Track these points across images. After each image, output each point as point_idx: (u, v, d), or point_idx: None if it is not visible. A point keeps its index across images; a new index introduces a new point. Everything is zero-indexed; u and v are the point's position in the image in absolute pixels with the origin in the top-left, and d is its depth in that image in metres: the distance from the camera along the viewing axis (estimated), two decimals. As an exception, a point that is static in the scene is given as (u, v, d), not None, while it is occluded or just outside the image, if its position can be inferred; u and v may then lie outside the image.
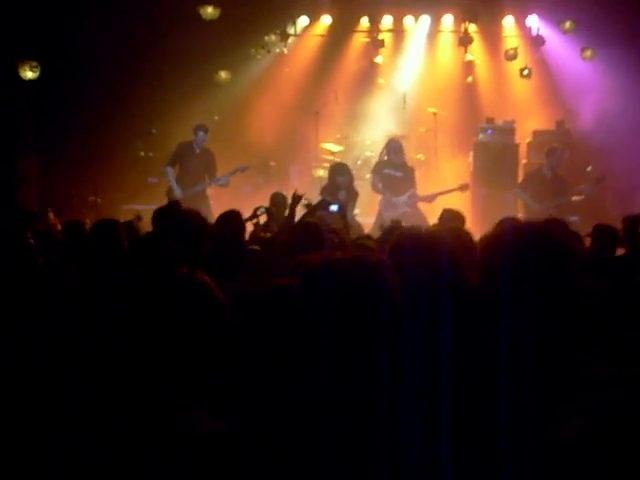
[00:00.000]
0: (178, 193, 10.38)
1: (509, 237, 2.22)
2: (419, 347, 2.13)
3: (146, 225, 6.22)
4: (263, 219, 7.61)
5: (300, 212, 6.83)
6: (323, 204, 7.13)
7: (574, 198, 9.95)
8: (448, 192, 10.34)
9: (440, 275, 2.42)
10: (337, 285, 2.04)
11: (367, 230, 8.26)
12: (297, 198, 6.92)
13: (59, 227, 7.80)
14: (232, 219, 5.68)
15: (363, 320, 2.04)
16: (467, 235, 3.97)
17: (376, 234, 6.07)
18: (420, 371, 2.08)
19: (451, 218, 6.12)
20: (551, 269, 2.13)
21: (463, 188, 10.58)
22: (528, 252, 2.14)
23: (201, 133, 10.54)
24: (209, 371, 2.13)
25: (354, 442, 1.95)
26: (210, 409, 2.04)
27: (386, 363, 2.02)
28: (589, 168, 11.50)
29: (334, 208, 7.22)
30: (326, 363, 2.03)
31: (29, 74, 10.97)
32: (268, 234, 6.40)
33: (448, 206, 6.80)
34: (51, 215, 8.83)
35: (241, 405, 2.17)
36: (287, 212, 6.98)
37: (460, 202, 9.87)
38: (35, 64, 10.98)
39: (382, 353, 2.03)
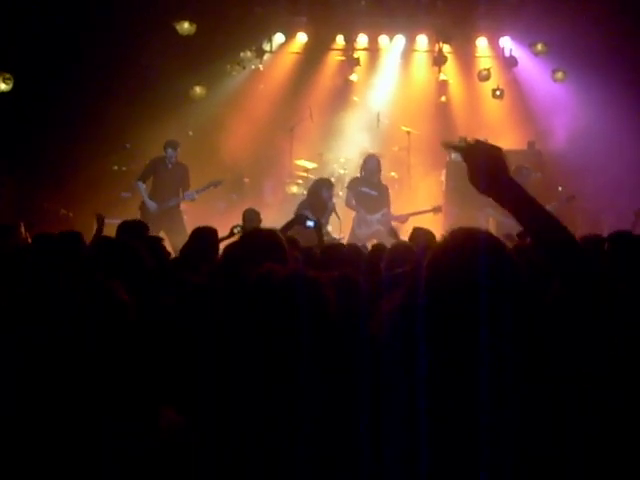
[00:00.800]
0: (152, 207, 10.37)
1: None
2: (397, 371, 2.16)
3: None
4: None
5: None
6: (300, 219, 7.12)
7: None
8: (421, 213, 10.43)
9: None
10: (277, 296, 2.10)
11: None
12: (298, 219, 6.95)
13: (29, 241, 7.73)
14: (206, 235, 5.66)
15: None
16: None
17: None
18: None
19: (421, 237, 6.18)
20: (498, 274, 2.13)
21: (436, 210, 10.67)
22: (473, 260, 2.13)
23: (170, 150, 10.57)
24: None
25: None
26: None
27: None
28: (560, 188, 11.64)
29: (310, 224, 7.23)
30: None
31: (2, 86, 10.90)
32: None
33: (420, 225, 6.85)
34: (22, 229, 8.74)
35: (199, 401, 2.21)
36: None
37: (432, 221, 9.95)
38: (8, 76, 10.91)
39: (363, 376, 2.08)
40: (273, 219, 10.05)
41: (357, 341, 2.17)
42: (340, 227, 10.12)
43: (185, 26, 11.92)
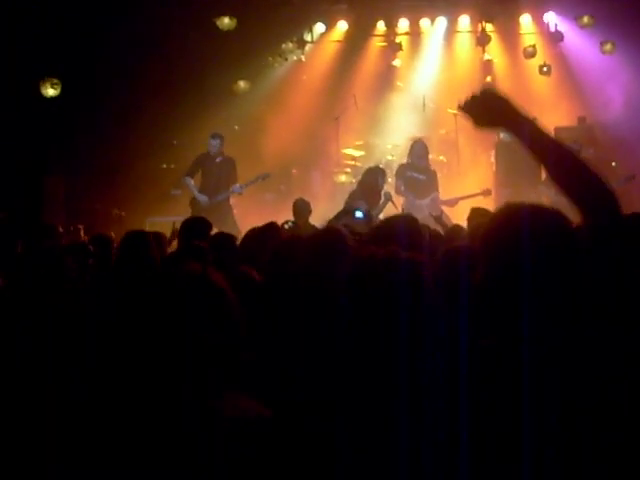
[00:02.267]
0: (204, 200, 10.42)
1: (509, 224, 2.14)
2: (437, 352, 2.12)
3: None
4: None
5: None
6: (348, 210, 7.08)
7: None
8: (470, 197, 10.30)
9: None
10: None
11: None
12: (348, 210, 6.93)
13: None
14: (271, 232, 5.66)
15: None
16: None
17: None
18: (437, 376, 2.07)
19: (480, 216, 6.10)
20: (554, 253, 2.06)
21: (485, 193, 10.54)
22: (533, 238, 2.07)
23: (210, 140, 10.60)
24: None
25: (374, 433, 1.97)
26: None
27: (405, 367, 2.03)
28: (614, 164, 11.39)
29: (359, 215, 7.18)
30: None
31: (50, 91, 11.08)
32: None
33: (470, 199, 6.77)
34: (82, 233, 8.88)
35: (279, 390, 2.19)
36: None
37: (482, 203, 9.83)
38: (56, 81, 11.09)
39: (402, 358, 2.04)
40: (323, 209, 10.03)
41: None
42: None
43: (225, 21, 11.96)
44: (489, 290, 2.09)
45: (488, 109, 2.25)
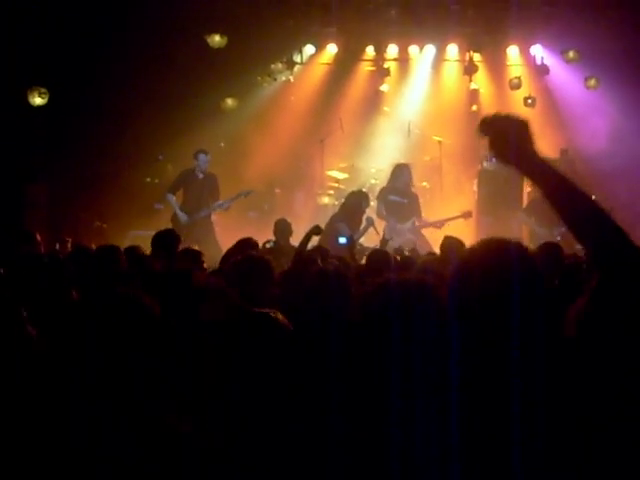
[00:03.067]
0: (183, 218, 10.44)
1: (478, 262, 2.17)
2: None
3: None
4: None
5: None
6: (315, 230, 6.98)
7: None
8: (451, 220, 10.37)
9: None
10: None
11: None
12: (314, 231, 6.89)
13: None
14: (251, 246, 5.69)
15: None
16: None
17: None
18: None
19: (452, 245, 6.17)
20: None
21: (466, 215, 10.62)
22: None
23: (202, 156, 10.64)
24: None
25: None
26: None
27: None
28: (593, 197, 11.49)
29: (342, 241, 7.16)
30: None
31: (37, 100, 11.06)
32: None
33: (452, 234, 6.82)
34: (69, 245, 8.80)
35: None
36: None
37: (465, 230, 9.91)
38: (44, 90, 11.08)
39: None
40: (304, 229, 10.04)
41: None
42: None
43: (216, 39, 12.00)
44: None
45: (506, 138, 2.17)
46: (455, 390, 2.02)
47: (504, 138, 2.17)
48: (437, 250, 6.97)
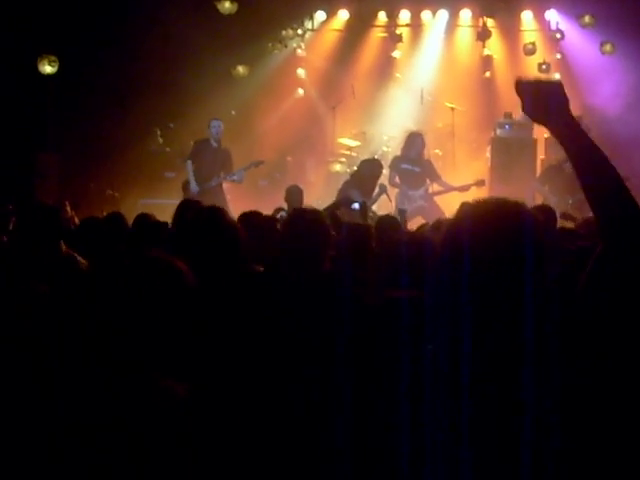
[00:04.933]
0: (194, 187, 10.42)
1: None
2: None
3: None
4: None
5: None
6: (346, 201, 7.13)
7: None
8: (464, 188, 10.30)
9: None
10: None
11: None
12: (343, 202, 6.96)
13: (76, 220, 7.83)
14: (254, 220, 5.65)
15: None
16: None
17: None
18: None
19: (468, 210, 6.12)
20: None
21: (479, 184, 10.55)
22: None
23: (214, 122, 10.56)
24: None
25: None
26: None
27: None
28: (607, 157, 11.39)
29: (356, 206, 7.25)
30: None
31: (48, 69, 11.02)
32: None
33: (465, 194, 6.79)
34: (68, 208, 8.87)
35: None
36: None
37: (477, 194, 9.83)
38: (53, 58, 11.03)
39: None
40: (316, 197, 10.04)
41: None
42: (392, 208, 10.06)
43: (226, 5, 11.89)
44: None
45: (542, 101, 2.16)
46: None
47: (539, 99, 2.17)
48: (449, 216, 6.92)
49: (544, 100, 2.16)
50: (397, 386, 2.04)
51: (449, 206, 9.52)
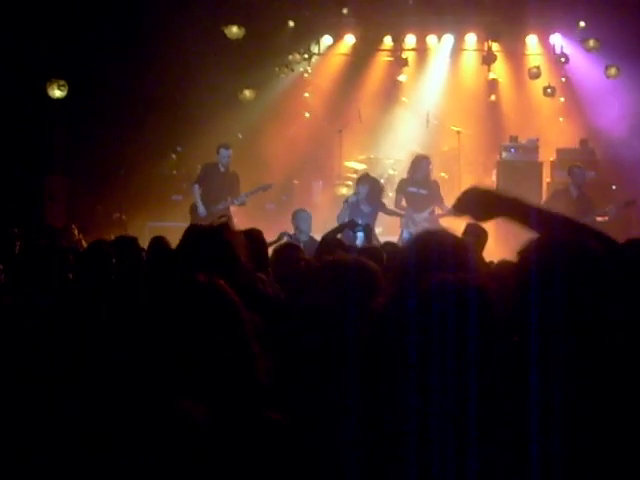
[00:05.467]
0: (202, 211, 10.47)
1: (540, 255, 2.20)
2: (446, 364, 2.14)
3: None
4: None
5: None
6: (350, 225, 7.14)
7: (598, 219, 9.88)
8: None
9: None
10: None
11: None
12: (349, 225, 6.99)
13: (83, 243, 7.88)
14: (255, 237, 5.67)
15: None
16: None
17: None
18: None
19: (474, 232, 6.12)
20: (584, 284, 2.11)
21: None
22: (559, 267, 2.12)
23: (222, 151, 10.64)
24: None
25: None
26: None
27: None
28: (614, 187, 11.43)
29: (360, 235, 7.27)
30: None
31: (57, 93, 11.11)
32: None
33: (472, 222, 6.77)
34: (75, 232, 8.93)
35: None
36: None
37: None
38: (63, 83, 11.12)
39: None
40: (323, 220, 10.07)
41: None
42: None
43: (234, 30, 12.02)
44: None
45: (482, 204, 2.47)
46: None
47: (478, 203, 2.54)
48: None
49: (481, 204, 2.56)
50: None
51: (457, 227, 9.55)
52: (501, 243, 7.24)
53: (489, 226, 9.32)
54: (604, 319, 2.10)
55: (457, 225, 8.94)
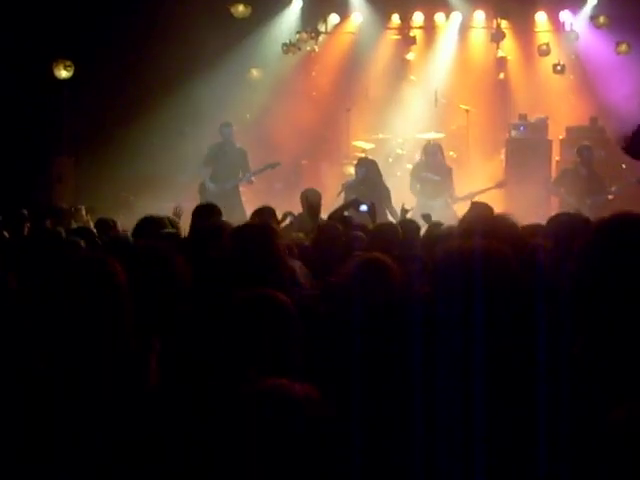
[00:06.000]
0: (211, 188, 10.47)
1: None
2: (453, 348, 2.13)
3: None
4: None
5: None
6: (354, 203, 7.12)
7: (610, 197, 9.84)
8: (484, 191, 10.26)
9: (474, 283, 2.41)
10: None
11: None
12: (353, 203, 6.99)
13: (91, 224, 7.88)
14: (266, 214, 5.68)
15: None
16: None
17: None
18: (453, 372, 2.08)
19: (479, 210, 6.10)
20: None
21: (500, 185, 10.56)
22: None
23: (224, 129, 10.64)
24: None
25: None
26: None
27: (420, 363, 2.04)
28: (624, 166, 11.35)
29: (364, 208, 7.24)
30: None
31: (63, 73, 11.10)
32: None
33: (479, 197, 6.76)
34: (83, 212, 8.94)
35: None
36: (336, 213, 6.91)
37: (493, 199, 9.81)
38: (69, 63, 11.11)
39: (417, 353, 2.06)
40: (331, 200, 10.03)
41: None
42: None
43: (240, 9, 11.97)
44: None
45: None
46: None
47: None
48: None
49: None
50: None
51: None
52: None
53: (498, 202, 9.30)
54: None
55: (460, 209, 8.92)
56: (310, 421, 1.65)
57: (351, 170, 12.30)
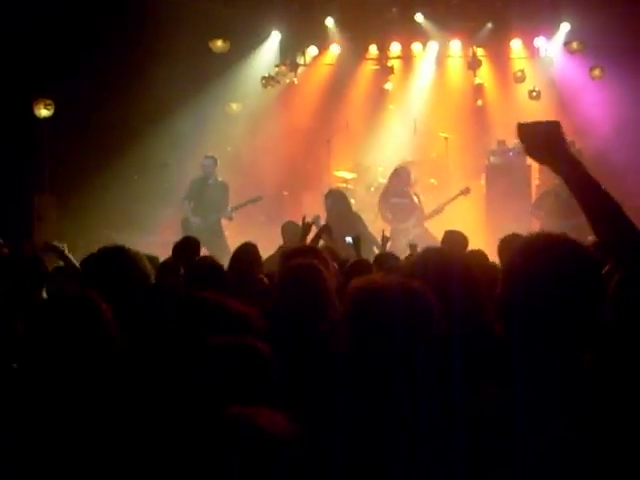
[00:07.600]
0: (195, 222, 10.48)
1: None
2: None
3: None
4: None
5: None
6: (325, 230, 7.06)
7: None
8: (451, 201, 10.48)
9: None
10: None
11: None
12: (308, 226, 6.98)
13: (74, 261, 7.83)
14: (248, 252, 5.64)
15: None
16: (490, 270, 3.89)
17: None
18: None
19: (453, 241, 6.13)
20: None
21: (464, 192, 10.68)
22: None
23: (205, 161, 10.71)
24: None
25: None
26: None
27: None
28: (602, 187, 11.44)
29: (349, 240, 7.25)
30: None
31: (43, 112, 11.11)
32: None
33: (462, 229, 6.79)
34: (65, 250, 8.86)
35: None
36: (301, 240, 6.96)
37: (475, 222, 9.90)
38: (49, 102, 11.12)
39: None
40: (313, 230, 10.04)
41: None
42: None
43: (219, 44, 12.07)
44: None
45: (542, 141, 2.28)
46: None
47: (539, 139, 2.29)
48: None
49: (543, 140, 2.27)
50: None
51: (444, 223, 9.64)
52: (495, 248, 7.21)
53: (479, 227, 9.36)
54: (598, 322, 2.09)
55: (438, 232, 9.00)
56: (275, 449, 1.65)
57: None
